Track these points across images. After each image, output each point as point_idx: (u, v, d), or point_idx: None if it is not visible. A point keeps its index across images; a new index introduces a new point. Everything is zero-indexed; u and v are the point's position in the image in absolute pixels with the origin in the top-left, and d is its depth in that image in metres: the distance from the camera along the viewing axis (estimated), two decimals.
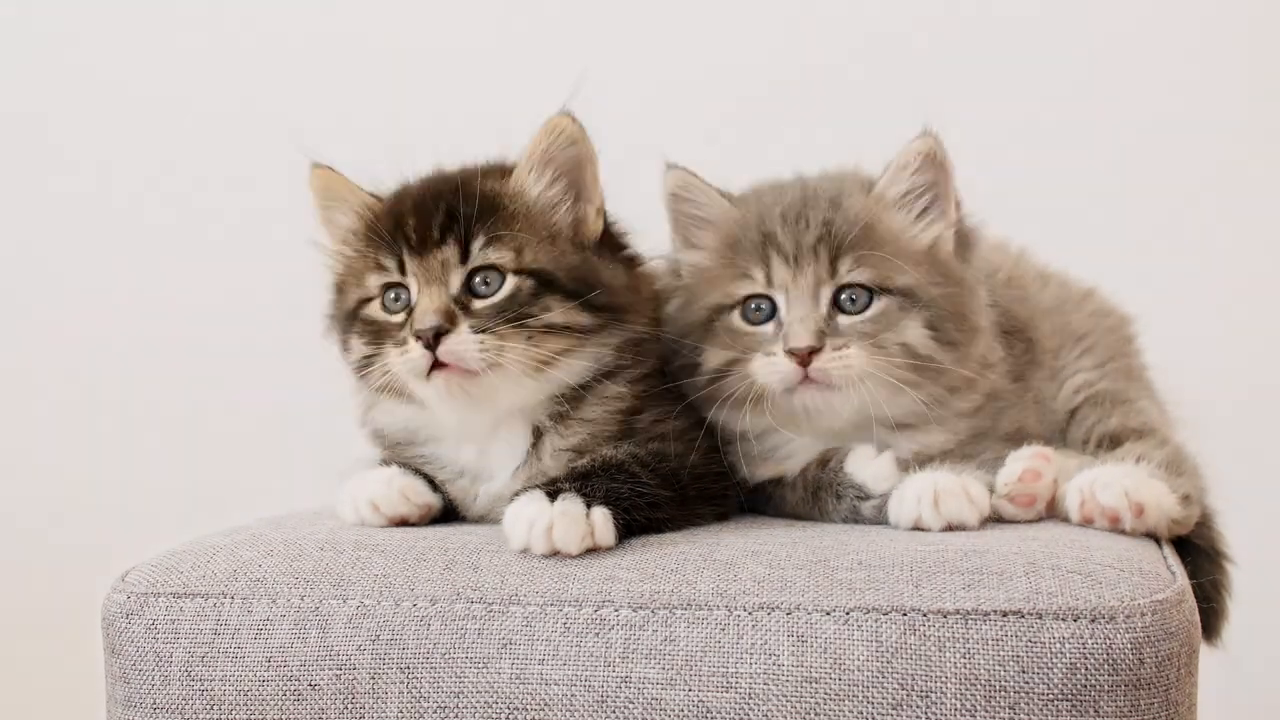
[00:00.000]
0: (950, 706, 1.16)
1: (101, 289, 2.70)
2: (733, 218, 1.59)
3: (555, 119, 1.52)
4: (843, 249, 1.51)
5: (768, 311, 1.53)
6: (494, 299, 1.47)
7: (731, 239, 1.58)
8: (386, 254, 1.50)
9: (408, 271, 1.49)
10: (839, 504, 1.51)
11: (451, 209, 1.48)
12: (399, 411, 1.55)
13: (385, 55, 2.66)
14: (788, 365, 1.48)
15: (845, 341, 1.48)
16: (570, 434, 1.51)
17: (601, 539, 1.34)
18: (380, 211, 1.54)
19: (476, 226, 1.48)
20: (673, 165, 1.60)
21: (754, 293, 1.54)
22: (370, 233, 1.52)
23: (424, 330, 1.43)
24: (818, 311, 1.50)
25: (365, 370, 1.51)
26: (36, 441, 2.71)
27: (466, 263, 1.48)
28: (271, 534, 1.43)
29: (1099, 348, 1.73)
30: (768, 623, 1.21)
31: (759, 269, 1.53)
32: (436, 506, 1.53)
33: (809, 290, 1.51)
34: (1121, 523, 1.41)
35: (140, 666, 1.30)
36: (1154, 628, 1.17)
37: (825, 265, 1.51)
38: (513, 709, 1.22)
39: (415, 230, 1.48)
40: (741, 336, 1.54)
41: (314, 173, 1.57)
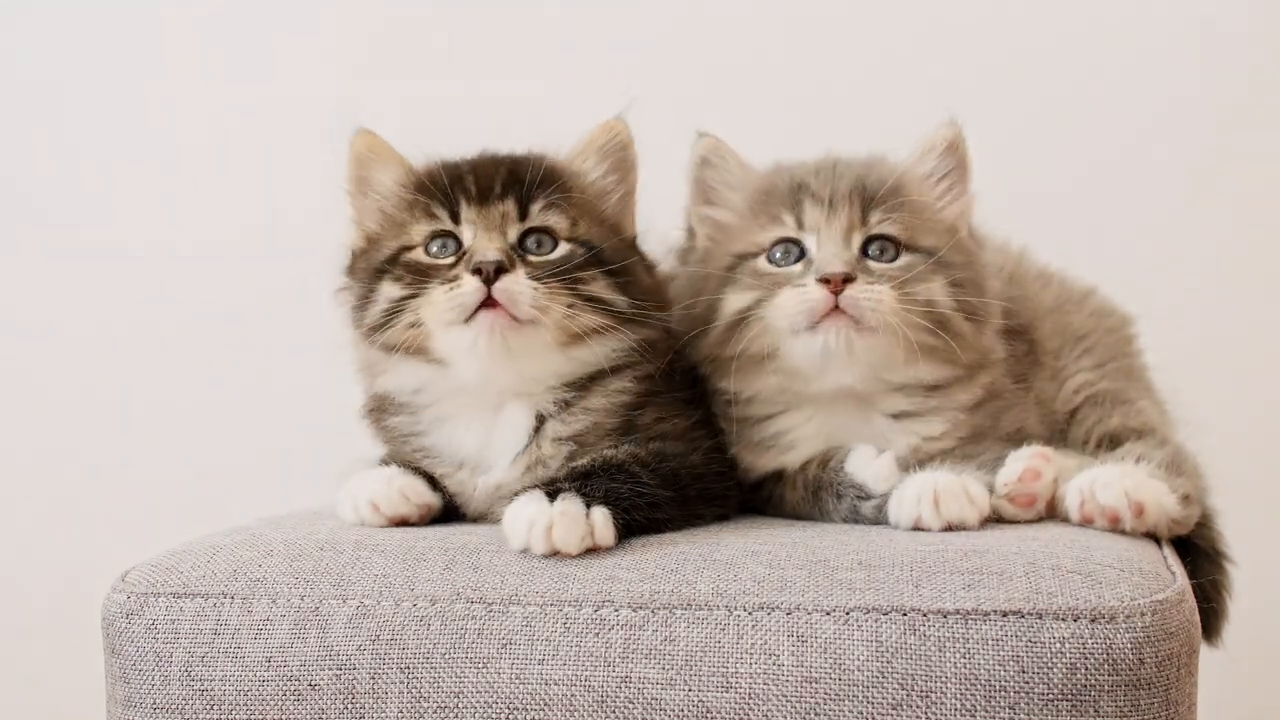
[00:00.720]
0: (950, 706, 1.16)
1: (101, 289, 2.70)
2: (762, 176, 1.62)
3: (612, 121, 1.59)
4: (875, 200, 1.53)
5: (796, 254, 1.54)
6: (549, 256, 1.51)
7: (761, 192, 1.59)
8: (439, 204, 1.52)
9: (462, 220, 1.51)
10: (839, 504, 1.51)
11: (514, 171, 1.53)
12: (412, 374, 1.54)
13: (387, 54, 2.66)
14: (819, 292, 1.47)
15: (875, 280, 1.49)
16: (573, 421, 1.51)
17: (601, 539, 1.34)
18: (434, 168, 1.56)
19: (537, 190, 1.52)
20: (704, 133, 1.63)
21: (783, 236, 1.54)
22: (422, 185, 1.55)
23: (485, 262, 1.44)
24: (849, 251, 1.51)
25: (388, 322, 1.50)
26: (36, 441, 2.71)
27: (525, 220, 1.51)
28: (271, 534, 1.43)
29: (1099, 348, 1.74)
30: (768, 623, 1.21)
31: (789, 214, 1.54)
32: (436, 506, 1.54)
33: (841, 232, 1.52)
34: (1121, 523, 1.41)
35: (140, 666, 1.30)
36: (1154, 628, 1.17)
37: (858, 212, 1.53)
38: (513, 709, 1.22)
39: (475, 184, 1.52)
40: (766, 276, 1.53)
41: (359, 135, 1.59)
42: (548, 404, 1.52)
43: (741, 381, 1.56)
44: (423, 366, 1.52)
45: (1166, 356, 1.80)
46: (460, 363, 1.49)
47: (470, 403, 1.53)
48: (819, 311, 1.47)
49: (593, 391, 1.52)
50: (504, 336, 1.45)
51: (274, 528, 1.47)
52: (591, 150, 1.59)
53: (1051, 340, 1.73)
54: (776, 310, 1.50)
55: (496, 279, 1.44)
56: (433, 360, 1.51)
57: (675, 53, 2.61)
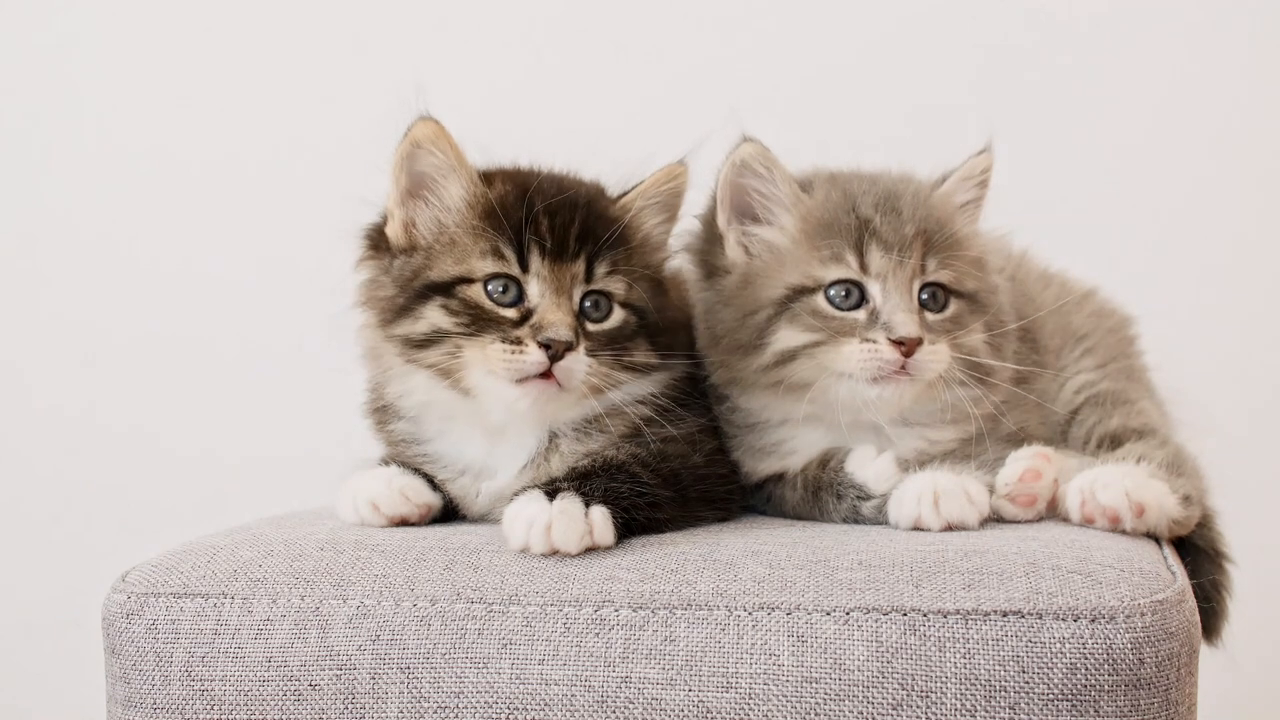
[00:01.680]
0: (950, 706, 1.16)
1: (102, 289, 2.70)
2: (816, 199, 1.57)
3: (674, 167, 1.56)
4: (933, 246, 1.52)
5: (856, 298, 1.52)
6: (605, 326, 1.49)
7: (819, 220, 1.55)
8: (508, 246, 1.47)
9: (530, 271, 1.47)
10: (839, 504, 1.51)
11: (586, 223, 1.48)
12: (430, 390, 1.51)
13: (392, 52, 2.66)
14: (891, 354, 1.47)
15: (935, 337, 1.50)
16: (587, 440, 1.51)
17: (600, 538, 1.34)
18: (505, 196, 1.49)
19: (606, 250, 1.49)
20: (749, 138, 1.56)
21: (844, 278, 1.52)
22: (490, 216, 1.48)
23: (556, 341, 1.42)
24: (914, 304, 1.51)
25: (427, 345, 1.47)
26: (36, 441, 2.71)
27: (590, 282, 1.49)
28: (271, 534, 1.43)
29: (1100, 348, 1.74)
30: (768, 623, 1.21)
31: (852, 254, 1.52)
32: (436, 506, 1.53)
33: (907, 283, 1.51)
34: (1122, 523, 1.41)
35: (140, 666, 1.30)
36: (1154, 628, 1.17)
37: (919, 260, 1.52)
38: (513, 709, 1.22)
39: (550, 233, 1.47)
40: (829, 320, 1.51)
41: (423, 122, 1.49)
42: (565, 428, 1.51)
43: (767, 402, 1.56)
44: (444, 388, 1.49)
45: (1167, 357, 1.80)
46: (491, 407, 1.48)
47: (482, 425, 1.52)
48: (889, 369, 1.48)
49: (613, 416, 1.51)
50: (547, 400, 1.45)
51: (274, 528, 1.47)
52: (653, 198, 1.56)
53: (1052, 341, 1.72)
54: (840, 359, 1.49)
55: (563, 357, 1.42)
56: (459, 388, 1.48)
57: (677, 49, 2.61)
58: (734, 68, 2.60)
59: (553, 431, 1.51)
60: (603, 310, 1.50)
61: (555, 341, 1.42)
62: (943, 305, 1.53)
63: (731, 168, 1.56)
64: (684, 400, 1.56)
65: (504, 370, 1.43)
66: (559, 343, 1.42)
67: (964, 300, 1.54)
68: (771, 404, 1.56)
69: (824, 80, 2.58)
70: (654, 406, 1.52)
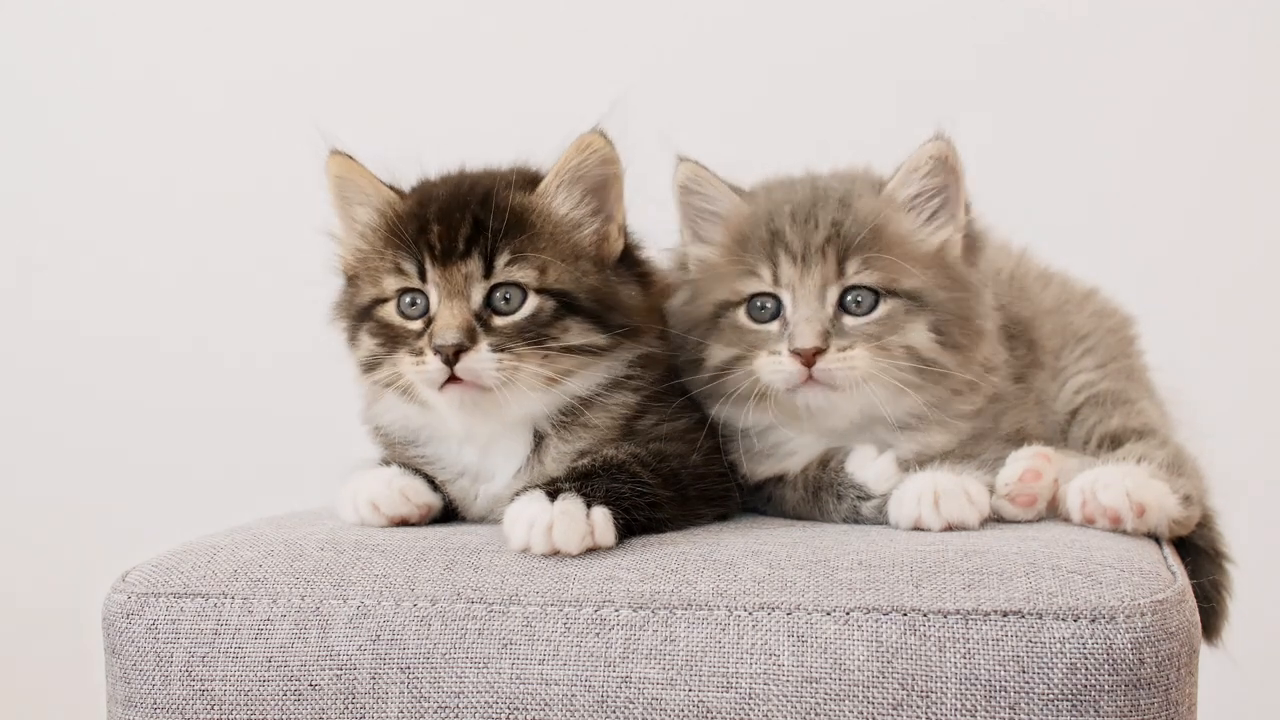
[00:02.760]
0: (950, 706, 1.16)
1: (102, 289, 2.70)
2: (742, 213, 1.59)
3: (588, 137, 1.51)
4: (851, 250, 1.51)
5: (773, 310, 1.53)
6: (514, 317, 1.47)
7: (740, 235, 1.57)
8: (407, 259, 1.48)
9: (428, 280, 1.47)
10: (839, 504, 1.51)
11: (478, 220, 1.47)
12: (403, 410, 1.54)
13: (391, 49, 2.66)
14: (792, 365, 1.48)
15: (850, 343, 1.48)
16: (574, 439, 1.51)
17: (601, 539, 1.34)
18: (403, 213, 1.51)
19: (502, 242, 1.46)
20: (684, 158, 1.60)
21: (760, 290, 1.54)
22: (391, 234, 1.50)
23: (444, 346, 1.42)
24: (824, 312, 1.50)
25: (373, 368, 1.51)
26: (37, 441, 2.71)
27: (489, 278, 1.47)
28: (272, 534, 1.43)
29: (1100, 348, 1.73)
30: (768, 623, 1.21)
31: (766, 267, 1.53)
32: (436, 506, 1.53)
33: (815, 290, 1.51)
34: (1123, 523, 1.41)
35: (141, 666, 1.30)
36: (1154, 628, 1.17)
37: (833, 266, 1.51)
38: (513, 709, 1.22)
39: (440, 239, 1.47)
40: (746, 334, 1.53)
41: (332, 159, 1.54)
42: (546, 425, 1.51)
43: (733, 413, 1.56)
44: (412, 405, 1.52)
45: (1167, 357, 1.80)
46: (444, 416, 1.50)
47: (466, 436, 1.53)
48: (794, 380, 1.48)
49: (593, 408, 1.51)
50: (475, 402, 1.45)
51: (274, 528, 1.47)
52: (564, 178, 1.51)
53: (1052, 340, 1.72)
54: (757, 371, 1.51)
55: (457, 360, 1.42)
56: (416, 402, 1.51)
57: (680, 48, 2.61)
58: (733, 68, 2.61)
59: (537, 431, 1.51)
60: (514, 303, 1.47)
61: (442, 347, 1.42)
62: (870, 307, 1.51)
63: (677, 191, 1.61)
64: (670, 393, 1.55)
65: (418, 381, 1.45)
66: (446, 347, 1.42)
67: (901, 299, 1.51)
68: (743, 414, 1.56)
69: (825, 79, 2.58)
70: (639, 393, 1.52)
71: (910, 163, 1.56)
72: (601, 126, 1.50)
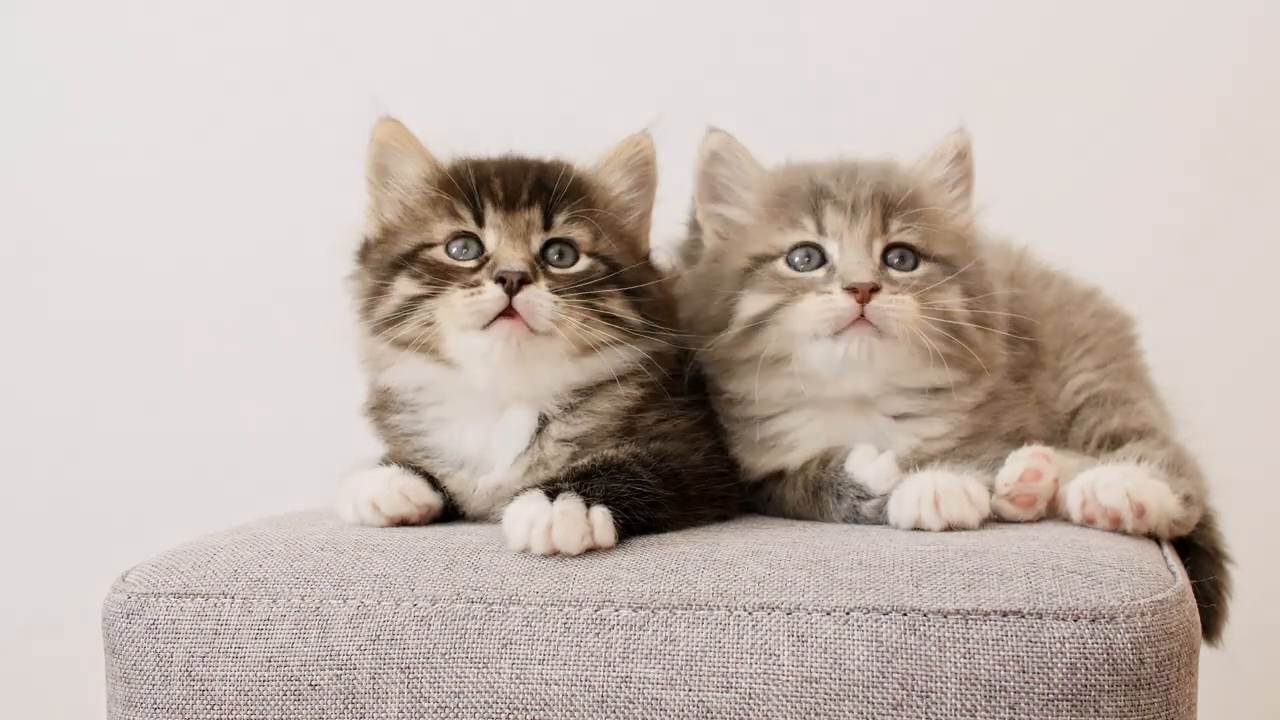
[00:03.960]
0: (950, 706, 1.16)
1: (103, 288, 2.70)
2: (776, 176, 1.61)
3: (638, 136, 1.59)
4: (895, 207, 1.53)
5: (817, 259, 1.53)
6: (570, 270, 1.51)
7: (778, 193, 1.59)
8: (463, 204, 1.51)
9: (486, 224, 1.50)
10: (839, 504, 1.51)
11: (541, 178, 1.53)
12: (419, 372, 1.53)
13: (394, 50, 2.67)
14: (845, 302, 1.47)
15: (897, 289, 1.49)
16: (576, 423, 1.52)
17: (601, 539, 1.34)
18: (461, 166, 1.55)
19: (563, 201, 1.52)
20: (715, 129, 1.62)
21: (803, 240, 1.54)
22: (447, 183, 1.54)
23: (510, 273, 1.44)
24: (871, 259, 1.51)
25: (402, 318, 1.49)
26: (36, 441, 2.71)
27: (549, 230, 1.51)
28: (272, 534, 1.43)
29: (1100, 348, 1.74)
30: (768, 623, 1.21)
31: (809, 218, 1.54)
32: (436, 506, 1.54)
33: (863, 239, 1.52)
34: (1123, 523, 1.41)
35: (141, 666, 1.30)
36: (1154, 628, 1.17)
37: (879, 219, 1.53)
38: (513, 709, 1.22)
39: (503, 188, 1.51)
40: (788, 281, 1.53)
41: (383, 124, 1.57)
42: (552, 407, 1.52)
43: (750, 384, 1.56)
44: (430, 365, 1.51)
45: (1167, 357, 1.80)
46: (472, 367, 1.49)
47: (475, 403, 1.53)
48: (845, 320, 1.47)
49: (597, 395, 1.52)
50: (519, 345, 1.45)
51: (274, 528, 1.47)
52: (617, 164, 1.59)
53: (1052, 341, 1.73)
54: (799, 316, 1.49)
55: (519, 290, 1.44)
56: (442, 360, 1.50)
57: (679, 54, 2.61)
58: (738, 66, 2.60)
59: (542, 414, 1.52)
60: (567, 259, 1.52)
61: (508, 273, 1.44)
62: (912, 266, 1.53)
63: (702, 159, 1.62)
64: (676, 390, 1.56)
65: (468, 315, 1.45)
66: (511, 273, 1.43)
67: (936, 264, 1.54)
68: (757, 386, 1.55)
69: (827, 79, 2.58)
70: (643, 388, 1.53)
71: (936, 150, 1.62)
72: (648, 129, 1.59)
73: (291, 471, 2.06)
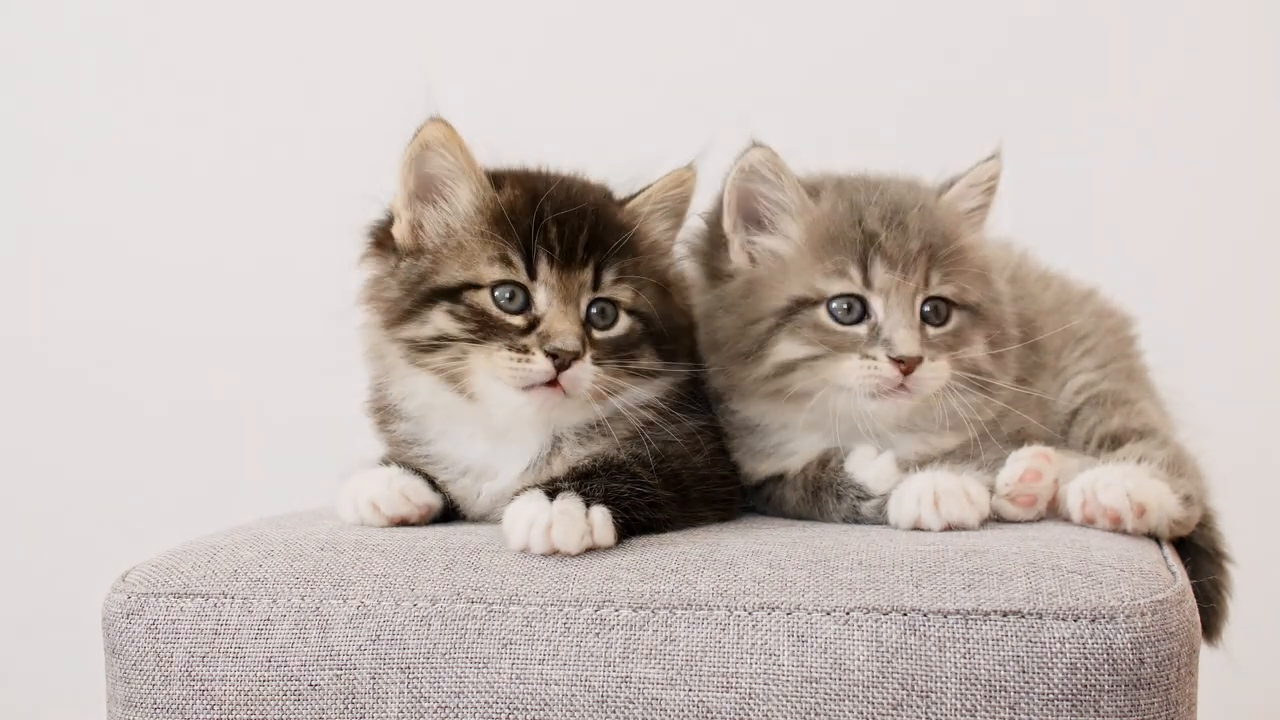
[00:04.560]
0: (950, 706, 1.16)
1: (102, 288, 2.70)
2: (822, 208, 1.56)
3: (683, 172, 1.56)
4: (937, 260, 1.52)
5: (859, 312, 1.51)
6: (610, 334, 1.49)
7: (824, 232, 1.54)
8: (516, 252, 1.46)
9: (538, 278, 1.46)
10: (839, 504, 1.51)
11: (595, 232, 1.48)
12: (433, 393, 1.50)
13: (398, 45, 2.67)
14: (890, 371, 1.47)
15: (936, 353, 1.49)
16: (589, 445, 1.51)
17: (601, 538, 1.34)
18: (514, 202, 1.49)
19: (613, 258, 1.48)
20: (758, 143, 1.54)
21: (847, 292, 1.51)
22: (501, 222, 1.47)
23: (564, 351, 1.42)
24: (916, 320, 1.50)
25: (434, 349, 1.47)
26: (36, 441, 2.71)
27: (597, 290, 1.48)
28: (272, 534, 1.43)
29: (1100, 348, 1.73)
30: (768, 623, 1.21)
31: (856, 269, 1.51)
32: (437, 507, 1.53)
33: (910, 298, 1.50)
34: (1123, 523, 1.41)
35: (141, 666, 1.30)
36: (1154, 628, 1.17)
37: (923, 275, 1.51)
38: (513, 709, 1.22)
39: (559, 241, 1.46)
40: (829, 334, 1.51)
41: (432, 124, 1.48)
42: (568, 432, 1.51)
43: (764, 409, 1.56)
44: (448, 391, 1.49)
45: (1167, 357, 1.80)
46: (496, 410, 1.47)
47: (486, 428, 1.51)
48: (888, 387, 1.48)
49: (615, 420, 1.50)
50: (550, 408, 1.45)
51: (274, 528, 1.47)
52: (660, 204, 1.56)
53: (1053, 341, 1.72)
54: (840, 374, 1.49)
55: (569, 366, 1.42)
56: (463, 393, 1.48)
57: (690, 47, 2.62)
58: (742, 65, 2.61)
59: (556, 435, 1.51)
60: (609, 318, 1.49)
61: (563, 351, 1.42)
62: (945, 319, 1.53)
63: (740, 173, 1.55)
64: (685, 403, 1.55)
65: (510, 378, 1.43)
66: (566, 353, 1.42)
67: (966, 312, 1.54)
68: (770, 411, 1.56)
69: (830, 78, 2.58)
70: (657, 411, 1.52)
71: (971, 177, 1.59)
72: (695, 163, 1.55)
73: (292, 471, 2.06)
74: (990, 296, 1.57)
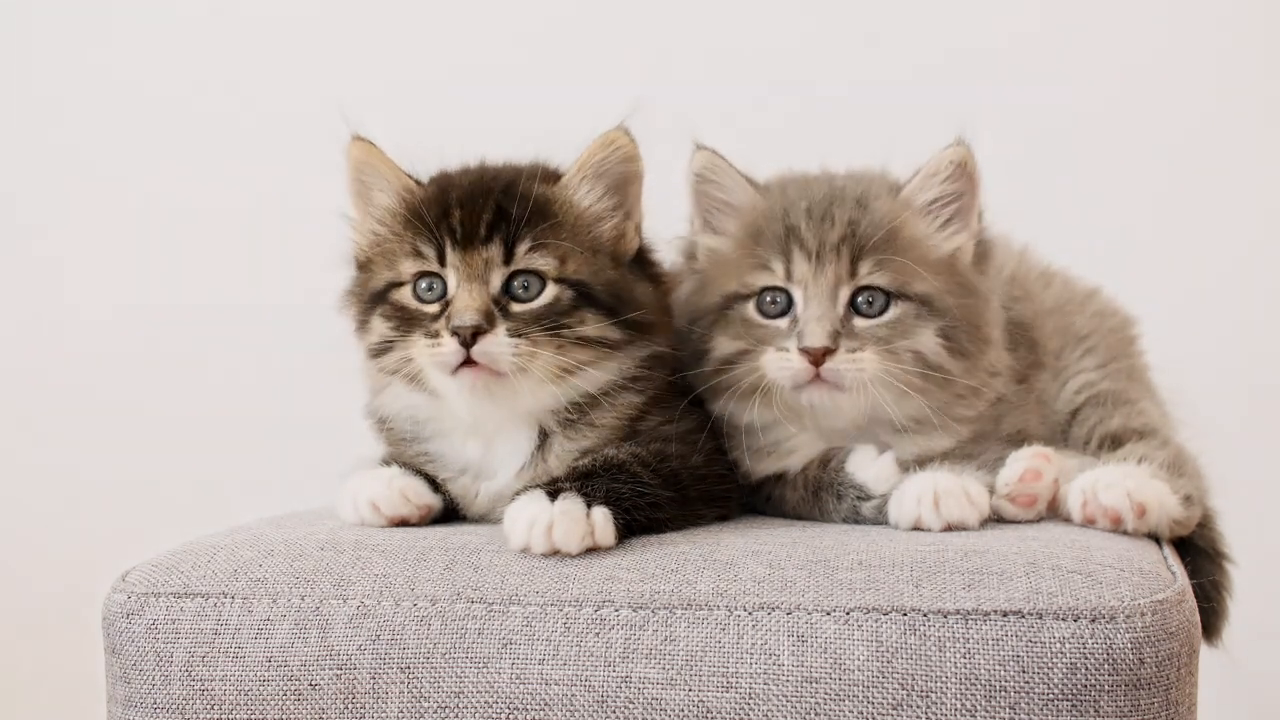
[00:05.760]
0: (950, 706, 1.16)
1: (102, 288, 2.70)
2: (757, 206, 1.58)
3: (612, 133, 1.53)
4: (865, 250, 1.50)
5: (783, 305, 1.52)
6: (532, 305, 1.48)
7: (754, 228, 1.57)
8: (426, 242, 1.49)
9: (447, 263, 1.48)
10: (839, 504, 1.51)
11: (501, 207, 1.48)
12: (410, 398, 1.54)
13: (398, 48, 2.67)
14: (800, 363, 1.47)
15: (859, 344, 1.48)
16: (579, 437, 1.51)
17: (601, 539, 1.34)
18: (424, 197, 1.52)
19: (524, 229, 1.48)
20: (701, 146, 1.59)
21: (771, 285, 1.53)
22: (411, 217, 1.51)
23: (462, 327, 1.43)
24: (834, 311, 1.50)
25: (383, 353, 1.51)
26: (36, 441, 2.71)
27: (509, 264, 1.48)
28: (272, 534, 1.43)
29: (1101, 348, 1.73)
30: (768, 623, 1.21)
31: (779, 261, 1.52)
32: (437, 507, 1.53)
33: (828, 289, 1.50)
34: (1123, 523, 1.41)
35: (141, 666, 1.30)
36: (1154, 628, 1.17)
37: (846, 265, 1.50)
38: (513, 709, 1.22)
39: (461, 223, 1.48)
40: (754, 328, 1.53)
41: (354, 144, 1.54)
42: (551, 421, 1.51)
43: (731, 407, 1.56)
44: (418, 394, 1.52)
45: (1167, 357, 1.80)
46: (452, 402, 1.50)
47: (472, 426, 1.53)
48: (801, 379, 1.48)
49: (599, 408, 1.51)
50: (488, 388, 1.45)
51: (274, 528, 1.47)
52: (587, 171, 1.53)
53: (1053, 340, 1.72)
54: (765, 366, 1.50)
55: (474, 342, 1.42)
56: (428, 391, 1.50)
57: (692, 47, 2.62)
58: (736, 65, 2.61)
59: (542, 428, 1.51)
60: (533, 290, 1.48)
61: (460, 328, 1.43)
62: (881, 309, 1.50)
63: (692, 177, 1.60)
64: (678, 390, 1.55)
65: (431, 364, 1.46)
66: (465, 329, 1.43)
67: (912, 302, 1.51)
68: (739, 410, 1.56)
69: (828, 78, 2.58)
70: (640, 396, 1.52)
71: (929, 167, 1.56)
72: (625, 124, 1.52)
73: (292, 471, 2.06)
74: (948, 289, 1.53)
